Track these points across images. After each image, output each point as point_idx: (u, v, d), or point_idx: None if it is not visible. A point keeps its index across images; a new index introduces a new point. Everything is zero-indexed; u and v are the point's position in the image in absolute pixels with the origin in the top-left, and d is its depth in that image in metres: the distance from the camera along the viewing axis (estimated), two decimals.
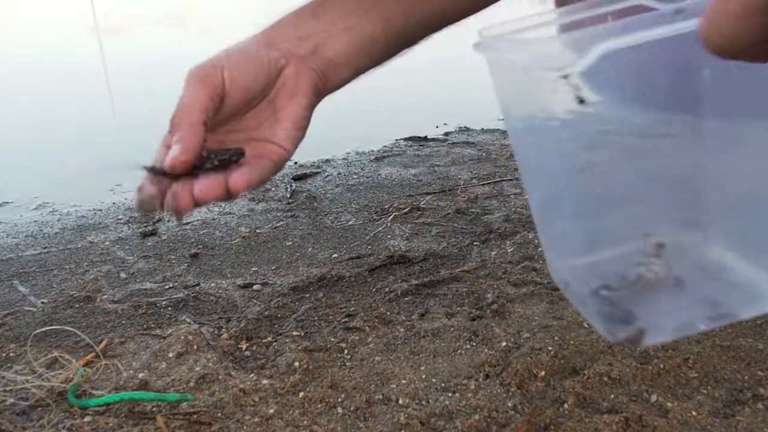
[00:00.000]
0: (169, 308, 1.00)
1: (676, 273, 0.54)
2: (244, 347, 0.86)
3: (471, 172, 1.63)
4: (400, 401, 0.72)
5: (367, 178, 1.65)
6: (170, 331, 0.90)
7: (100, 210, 1.53)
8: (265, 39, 0.60)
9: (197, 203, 0.52)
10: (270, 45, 0.59)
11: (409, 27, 0.63)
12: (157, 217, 1.45)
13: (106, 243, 1.30)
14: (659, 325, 0.52)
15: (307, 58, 0.59)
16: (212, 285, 1.08)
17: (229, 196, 0.53)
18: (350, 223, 1.34)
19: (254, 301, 1.01)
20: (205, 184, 0.52)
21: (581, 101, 0.44)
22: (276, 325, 0.92)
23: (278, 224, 1.36)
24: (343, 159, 1.86)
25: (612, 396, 0.70)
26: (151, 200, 0.52)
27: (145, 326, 0.94)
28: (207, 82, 0.56)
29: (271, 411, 0.71)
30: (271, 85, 0.58)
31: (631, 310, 0.53)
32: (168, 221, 1.42)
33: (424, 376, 0.77)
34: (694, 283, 0.54)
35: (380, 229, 1.29)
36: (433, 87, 3.03)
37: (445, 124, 2.24)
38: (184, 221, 1.41)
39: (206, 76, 0.56)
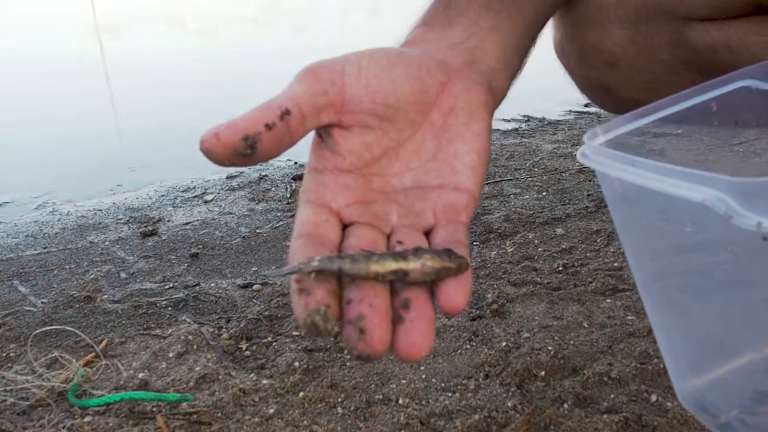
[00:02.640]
0: (169, 308, 1.00)
1: None
2: (244, 347, 0.86)
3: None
4: (400, 401, 0.72)
5: None
6: (170, 331, 0.90)
7: (100, 210, 1.53)
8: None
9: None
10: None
11: (537, 21, 0.52)
12: (157, 217, 1.45)
13: (106, 243, 1.30)
14: None
15: (465, 70, 0.44)
16: (212, 285, 1.08)
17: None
18: None
19: (254, 301, 1.01)
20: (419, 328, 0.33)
21: None
22: (276, 325, 0.92)
23: (278, 224, 1.36)
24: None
25: (612, 396, 0.70)
26: (326, 319, 0.33)
27: (145, 326, 0.94)
28: (317, 75, 0.40)
29: (271, 411, 0.71)
30: (429, 103, 0.41)
31: None
32: (168, 221, 1.42)
33: (424, 376, 0.77)
34: None
35: None
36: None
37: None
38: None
39: (318, 68, 0.41)
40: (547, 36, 0.73)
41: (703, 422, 0.51)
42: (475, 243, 1.17)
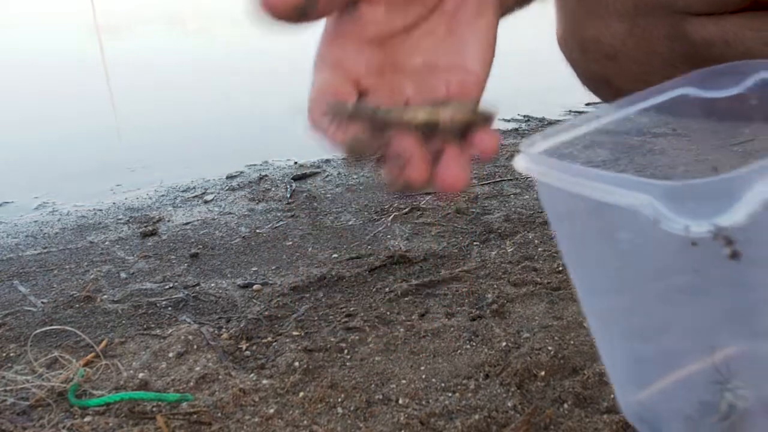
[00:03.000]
0: (169, 308, 1.00)
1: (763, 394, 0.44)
2: (244, 347, 0.86)
3: (471, 171, 1.63)
4: (400, 401, 0.72)
5: (367, 178, 1.65)
6: (170, 331, 0.90)
7: (100, 210, 1.53)
8: None
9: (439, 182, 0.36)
10: None
11: None
12: (157, 217, 1.45)
13: (106, 243, 1.30)
14: None
15: None
16: (212, 285, 1.08)
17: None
18: (350, 223, 1.34)
19: (254, 301, 1.01)
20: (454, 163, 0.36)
21: (735, 255, 0.34)
22: (276, 325, 0.92)
23: (278, 224, 1.36)
24: (344, 159, 1.86)
25: (612, 396, 0.70)
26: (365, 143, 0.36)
27: (145, 326, 0.94)
28: None
29: (271, 411, 0.71)
30: None
31: None
32: (168, 221, 1.42)
33: (424, 376, 0.77)
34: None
35: (380, 229, 1.29)
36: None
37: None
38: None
39: None
40: (549, 34, 0.73)
41: None
42: (475, 243, 1.17)
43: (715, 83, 0.46)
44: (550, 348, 0.79)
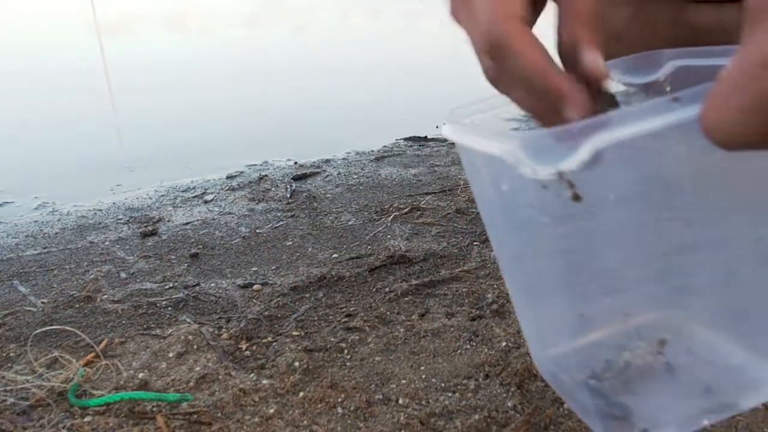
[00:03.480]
0: (169, 308, 1.00)
1: (665, 357, 0.51)
2: (244, 347, 0.86)
3: None
4: (400, 401, 0.72)
5: (367, 178, 1.65)
6: (170, 331, 0.90)
7: (100, 210, 1.53)
8: None
9: None
10: None
11: None
12: (157, 217, 1.45)
13: (106, 243, 1.31)
14: (658, 421, 0.49)
15: None
16: (212, 285, 1.08)
17: None
18: (350, 223, 1.34)
19: (254, 301, 1.01)
20: None
21: (577, 198, 0.41)
22: (276, 325, 0.92)
23: (278, 224, 1.36)
24: (343, 159, 1.86)
25: None
26: None
27: (145, 326, 0.94)
28: None
29: (271, 411, 0.71)
30: None
31: (625, 404, 0.50)
32: (168, 221, 1.42)
33: (424, 376, 0.77)
34: (686, 369, 0.51)
35: (380, 229, 1.29)
36: (434, 87, 3.03)
37: (445, 124, 2.24)
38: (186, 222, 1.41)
39: None
40: (549, 34, 0.73)
41: (554, 388, 0.54)
42: (475, 243, 1.17)
43: (637, 70, 0.50)
44: None
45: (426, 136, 2.05)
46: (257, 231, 1.33)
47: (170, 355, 0.84)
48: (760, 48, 0.29)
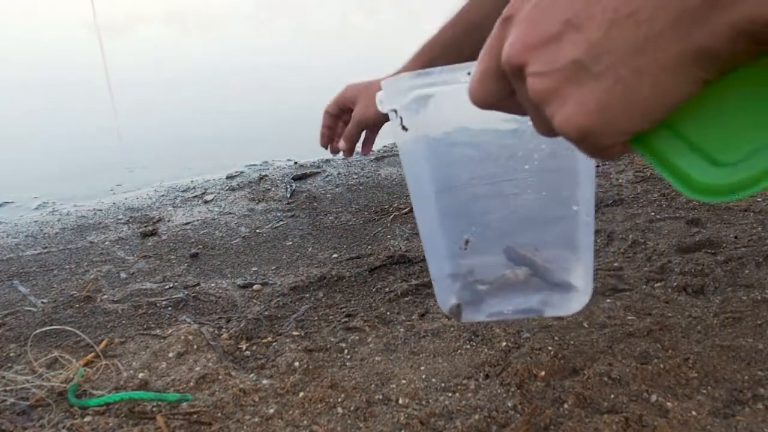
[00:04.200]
0: (169, 308, 1.00)
1: (530, 278, 0.73)
2: (244, 347, 0.86)
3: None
4: (400, 401, 0.72)
5: (367, 178, 1.65)
6: (170, 331, 0.90)
7: (100, 210, 1.53)
8: None
9: None
10: None
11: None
12: (157, 217, 1.45)
13: (106, 243, 1.30)
14: (481, 309, 0.75)
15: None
16: (212, 285, 1.08)
17: None
18: (350, 223, 1.34)
19: (254, 301, 1.01)
20: None
21: (404, 128, 0.66)
22: (276, 325, 0.92)
23: (278, 224, 1.36)
24: (343, 159, 1.86)
25: (612, 396, 0.70)
26: None
27: (145, 326, 0.94)
28: None
29: (271, 411, 0.71)
30: None
31: (482, 297, 0.75)
32: (168, 221, 1.42)
33: (424, 376, 0.77)
34: (532, 286, 0.74)
35: (380, 229, 1.29)
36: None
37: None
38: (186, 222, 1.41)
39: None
40: None
41: (436, 289, 0.77)
42: None
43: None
44: (550, 348, 0.79)
45: None
46: (257, 231, 1.33)
47: (170, 355, 0.84)
48: (503, 13, 0.37)
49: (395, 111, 0.65)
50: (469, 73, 0.59)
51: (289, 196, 1.53)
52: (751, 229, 1.10)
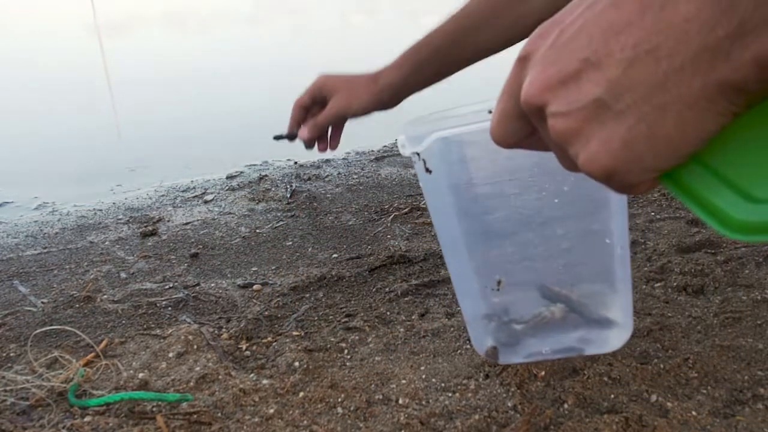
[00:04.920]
0: (169, 308, 1.00)
1: (567, 315, 0.73)
2: (244, 347, 0.86)
3: None
4: (400, 401, 0.72)
5: (367, 178, 1.65)
6: (170, 331, 0.90)
7: (100, 210, 1.53)
8: None
9: None
10: None
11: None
12: (157, 217, 1.45)
13: (106, 243, 1.30)
14: (517, 351, 0.75)
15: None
16: (212, 285, 1.08)
17: None
18: (350, 223, 1.34)
19: (254, 301, 1.01)
20: None
21: (428, 171, 0.67)
22: (276, 325, 0.92)
23: (278, 224, 1.36)
24: (343, 159, 1.86)
25: (612, 396, 0.70)
26: None
27: (145, 326, 0.94)
28: None
29: (271, 411, 0.71)
30: None
31: (518, 337, 0.74)
32: (168, 221, 1.42)
33: (424, 376, 0.77)
34: (569, 323, 0.74)
35: (380, 229, 1.29)
36: (434, 86, 3.02)
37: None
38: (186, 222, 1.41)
39: None
40: None
41: (469, 328, 0.77)
42: None
43: None
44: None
45: None
46: (257, 231, 1.33)
47: (170, 355, 0.84)
48: (520, 52, 0.38)
49: (418, 154, 0.65)
50: (490, 112, 0.59)
51: (289, 196, 1.54)
52: None
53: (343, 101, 1.05)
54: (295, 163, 1.84)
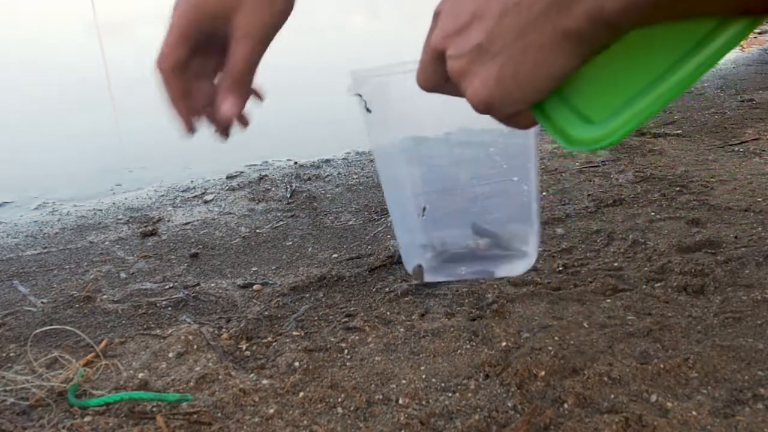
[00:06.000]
0: (169, 308, 1.00)
1: (491, 248, 0.87)
2: (244, 347, 0.86)
3: None
4: (400, 401, 0.72)
5: (367, 178, 1.65)
6: (170, 331, 0.90)
7: (100, 210, 1.53)
8: None
9: None
10: None
11: None
12: (157, 217, 1.45)
13: (106, 243, 1.30)
14: (439, 272, 0.88)
15: None
16: (212, 285, 1.08)
17: None
18: (350, 223, 1.34)
19: (254, 301, 1.01)
20: None
21: (368, 110, 0.77)
22: (276, 325, 0.92)
23: (278, 224, 1.36)
24: (343, 159, 1.86)
25: (612, 396, 0.70)
26: None
27: (145, 326, 0.94)
28: None
29: (271, 411, 0.71)
30: None
31: (443, 263, 0.88)
32: (168, 221, 1.42)
33: (424, 376, 0.77)
34: (490, 254, 0.87)
35: (380, 229, 1.29)
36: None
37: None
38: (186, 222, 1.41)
39: None
40: None
41: (403, 255, 0.91)
42: None
43: None
44: (550, 348, 0.79)
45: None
46: (257, 231, 1.33)
47: (170, 355, 0.84)
48: (435, 9, 0.45)
49: (360, 95, 0.77)
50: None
51: (289, 196, 1.54)
52: (751, 229, 1.10)
53: (255, 16, 0.65)
54: (295, 163, 1.84)
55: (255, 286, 1.06)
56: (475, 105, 0.43)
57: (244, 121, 0.75)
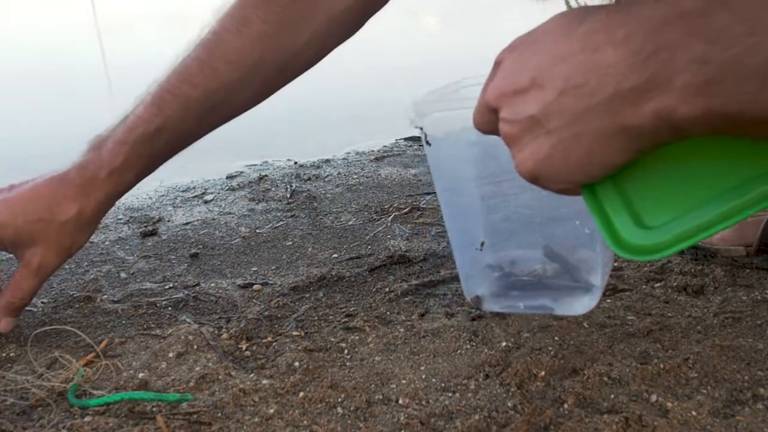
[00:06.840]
0: (169, 308, 1.00)
1: (557, 275, 0.84)
2: (244, 347, 0.86)
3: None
4: (400, 401, 0.72)
5: (367, 178, 1.65)
6: (170, 331, 0.90)
7: None
8: None
9: None
10: None
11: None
12: (157, 217, 1.45)
13: (106, 243, 1.31)
14: (499, 302, 0.86)
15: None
16: (212, 285, 1.08)
17: None
18: (350, 223, 1.34)
19: (254, 301, 1.01)
20: None
21: (428, 143, 0.78)
22: (276, 325, 0.92)
23: (278, 224, 1.36)
24: (343, 159, 1.86)
25: (612, 396, 0.70)
26: None
27: (145, 326, 0.94)
28: None
29: (271, 411, 0.71)
30: None
31: (506, 290, 0.86)
32: (168, 221, 1.42)
33: (424, 376, 0.77)
34: (554, 283, 0.84)
35: (380, 229, 1.29)
36: (433, 87, 3.02)
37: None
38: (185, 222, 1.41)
39: None
40: None
41: (463, 278, 0.89)
42: None
43: None
44: (550, 348, 0.79)
45: None
46: (257, 231, 1.33)
47: (170, 355, 0.84)
48: (497, 57, 0.45)
49: (421, 128, 0.77)
50: None
51: (289, 196, 1.54)
52: None
53: (47, 254, 0.73)
54: (295, 163, 1.84)
55: (255, 286, 1.06)
56: (521, 174, 0.43)
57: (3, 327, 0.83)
